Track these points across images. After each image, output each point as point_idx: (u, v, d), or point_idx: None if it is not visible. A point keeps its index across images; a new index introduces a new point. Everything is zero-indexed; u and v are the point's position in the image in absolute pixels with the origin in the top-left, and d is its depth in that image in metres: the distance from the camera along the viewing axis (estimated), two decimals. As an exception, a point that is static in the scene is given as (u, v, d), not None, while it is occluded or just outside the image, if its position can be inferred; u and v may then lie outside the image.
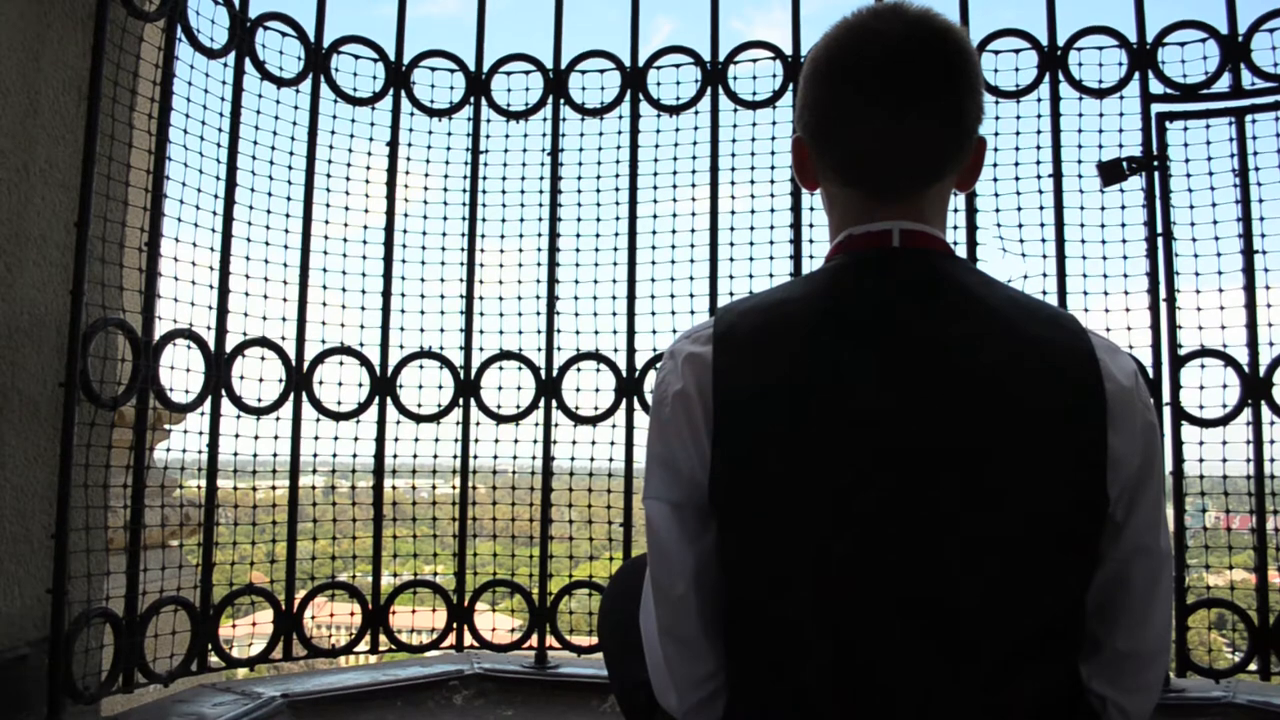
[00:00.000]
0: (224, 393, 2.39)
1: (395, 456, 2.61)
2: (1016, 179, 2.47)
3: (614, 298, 2.59)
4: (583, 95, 2.65)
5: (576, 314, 2.62)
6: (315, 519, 2.61)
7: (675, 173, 2.61)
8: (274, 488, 2.52)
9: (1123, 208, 2.45)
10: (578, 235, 2.64)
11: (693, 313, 2.56)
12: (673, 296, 2.56)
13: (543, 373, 2.59)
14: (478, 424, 2.61)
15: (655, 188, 2.62)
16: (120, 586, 2.21)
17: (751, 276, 2.53)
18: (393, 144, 2.65)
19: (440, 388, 2.60)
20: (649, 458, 1.07)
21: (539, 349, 2.60)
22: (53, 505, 2.06)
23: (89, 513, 2.12)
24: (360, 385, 2.57)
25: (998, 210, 2.45)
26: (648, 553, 1.09)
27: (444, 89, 2.67)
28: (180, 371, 2.31)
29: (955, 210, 2.42)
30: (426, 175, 2.71)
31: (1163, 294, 2.39)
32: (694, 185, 2.61)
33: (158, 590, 2.26)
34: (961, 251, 2.40)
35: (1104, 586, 0.99)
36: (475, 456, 2.62)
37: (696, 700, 1.07)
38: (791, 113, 2.48)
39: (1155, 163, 2.42)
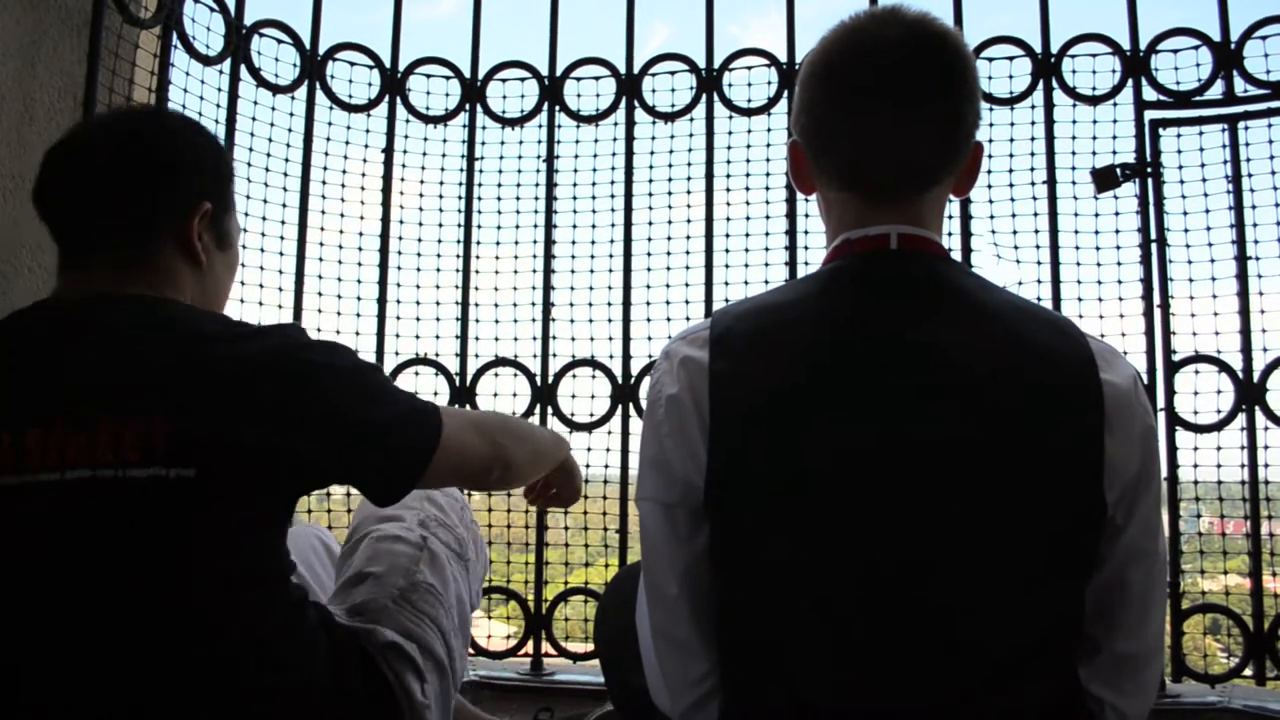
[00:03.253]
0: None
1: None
2: (1011, 185, 2.47)
3: (609, 304, 2.60)
4: (578, 102, 2.65)
5: (572, 320, 2.62)
6: (311, 526, 2.60)
7: (670, 179, 2.61)
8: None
9: (1116, 214, 2.46)
10: (573, 242, 2.65)
11: (688, 319, 2.56)
12: (668, 303, 2.56)
13: (538, 379, 2.59)
14: (473, 431, 2.60)
15: (650, 194, 2.61)
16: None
17: (747, 283, 2.54)
18: (388, 151, 2.65)
19: (435, 394, 2.60)
20: (642, 459, 1.07)
21: (534, 355, 2.60)
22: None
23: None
24: (355, 392, 2.56)
25: (992, 217, 2.46)
26: (641, 553, 1.10)
27: (439, 95, 2.67)
28: (175, 379, 2.30)
29: (950, 217, 2.43)
30: (422, 182, 2.71)
31: (1156, 300, 2.39)
32: (689, 192, 2.61)
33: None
34: (956, 257, 2.40)
35: (1101, 589, 0.99)
36: (471, 463, 2.60)
37: (690, 701, 1.07)
38: (786, 119, 2.49)
39: (1149, 169, 2.42)
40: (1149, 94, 2.45)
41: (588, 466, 2.51)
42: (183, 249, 1.22)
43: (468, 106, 2.67)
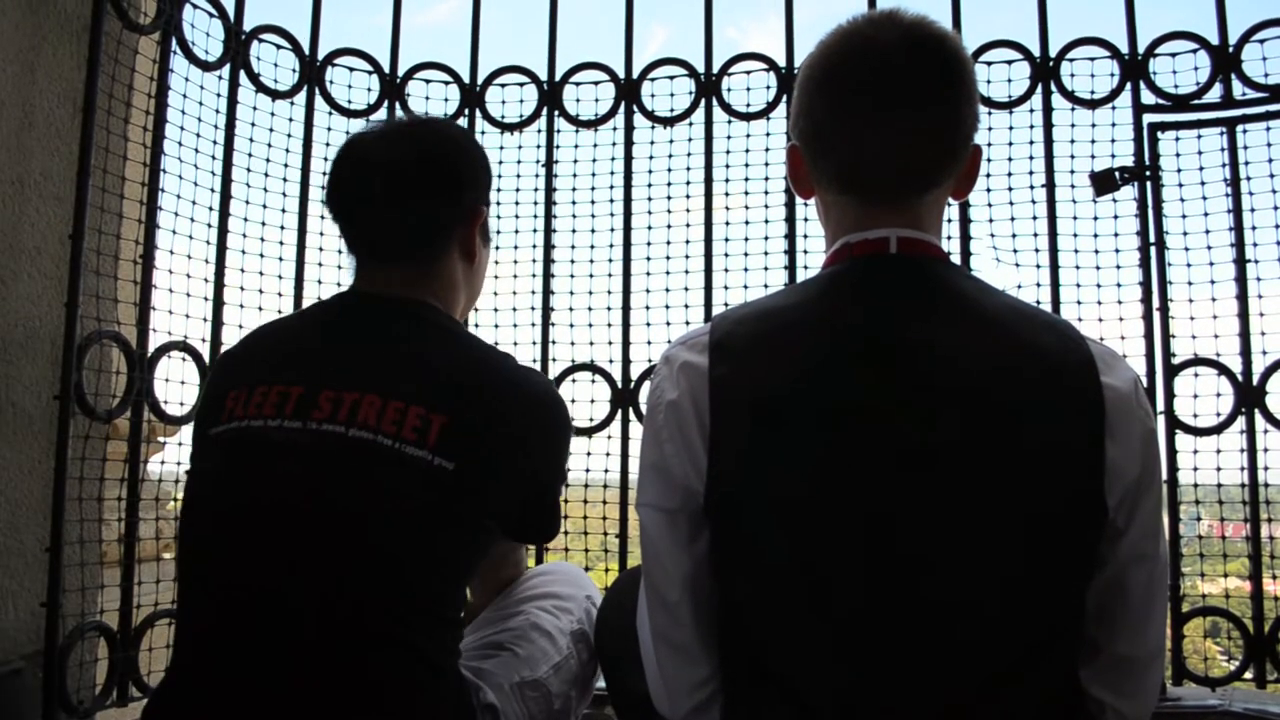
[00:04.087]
0: (219, 405, 2.37)
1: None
2: (1010, 189, 2.47)
3: (609, 309, 2.59)
4: (577, 107, 2.65)
5: (571, 325, 2.61)
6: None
7: (670, 184, 2.61)
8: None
9: (1115, 217, 2.45)
10: (572, 246, 2.64)
11: (687, 323, 2.56)
12: (668, 307, 2.56)
13: (538, 384, 2.58)
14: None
15: (650, 199, 2.62)
16: (114, 600, 2.20)
17: (746, 287, 2.53)
18: (388, 156, 2.64)
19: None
20: (643, 465, 1.07)
21: (534, 360, 2.60)
22: (47, 518, 2.05)
23: (83, 526, 2.11)
24: (355, 397, 2.55)
25: (991, 220, 2.46)
26: (642, 559, 1.10)
27: (438, 100, 2.67)
28: (175, 384, 2.30)
29: (949, 220, 2.43)
30: (422, 187, 2.71)
31: (1156, 303, 2.39)
32: (688, 196, 2.61)
33: (152, 603, 2.25)
34: (956, 260, 2.40)
35: (1102, 591, 0.99)
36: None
37: (692, 706, 1.07)
38: (785, 123, 2.49)
39: (1147, 172, 2.42)
40: (1147, 97, 2.45)
41: (587, 471, 2.51)
42: (463, 249, 1.42)
43: (466, 111, 2.67)
